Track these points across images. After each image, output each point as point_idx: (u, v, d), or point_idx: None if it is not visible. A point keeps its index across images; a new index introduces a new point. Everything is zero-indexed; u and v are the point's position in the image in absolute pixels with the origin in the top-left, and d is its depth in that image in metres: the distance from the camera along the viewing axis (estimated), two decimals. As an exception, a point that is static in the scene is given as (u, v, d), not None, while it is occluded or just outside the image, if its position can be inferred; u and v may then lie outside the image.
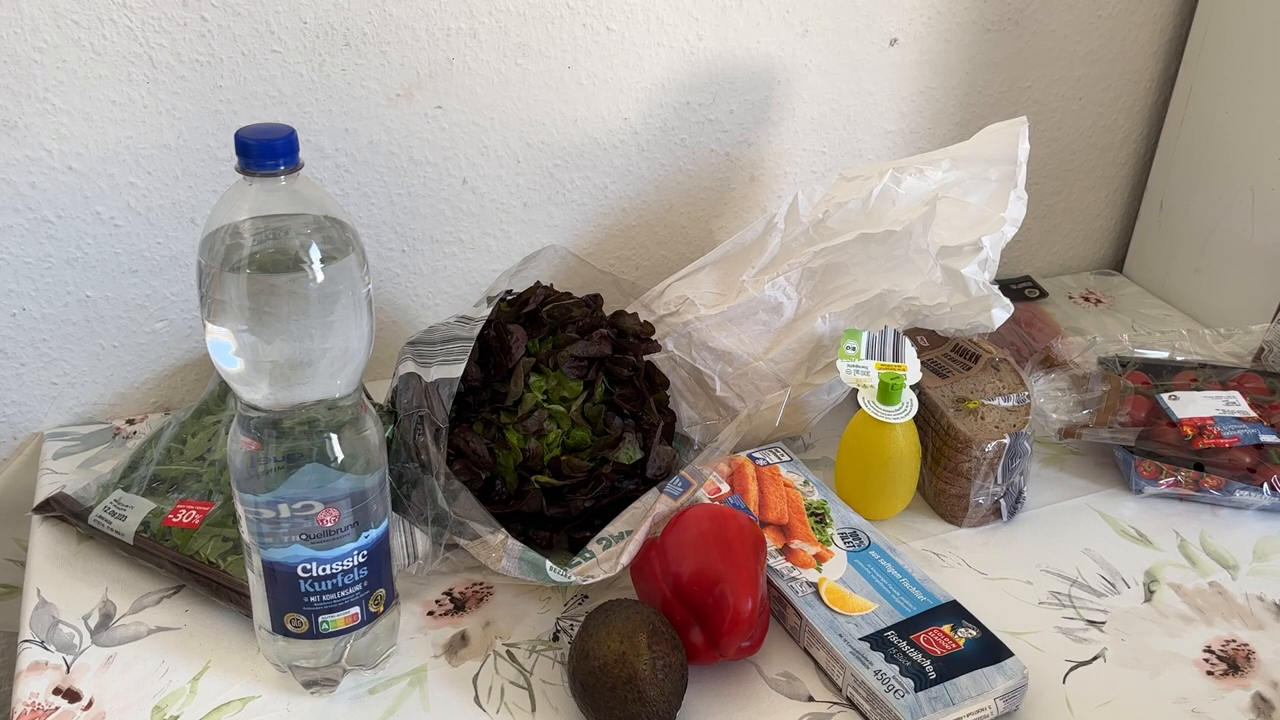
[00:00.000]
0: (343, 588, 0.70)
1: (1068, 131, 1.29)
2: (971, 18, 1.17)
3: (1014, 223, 0.94)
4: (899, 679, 0.73)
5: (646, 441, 0.89)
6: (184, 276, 1.00)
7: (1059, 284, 1.35)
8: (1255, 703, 0.78)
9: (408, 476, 0.86)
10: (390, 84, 0.98)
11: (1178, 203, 1.29)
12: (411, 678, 0.78)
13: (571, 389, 0.88)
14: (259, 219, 0.63)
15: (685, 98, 1.09)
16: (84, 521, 0.86)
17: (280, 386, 0.65)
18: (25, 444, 1.02)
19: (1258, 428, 0.96)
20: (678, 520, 0.80)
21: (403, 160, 1.02)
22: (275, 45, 0.93)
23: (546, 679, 0.78)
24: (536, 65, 1.02)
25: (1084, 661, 0.80)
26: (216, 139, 0.95)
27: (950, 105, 1.22)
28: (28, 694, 0.75)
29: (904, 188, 0.96)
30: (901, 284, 0.95)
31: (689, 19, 1.06)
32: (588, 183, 1.10)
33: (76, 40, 0.88)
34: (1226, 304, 1.24)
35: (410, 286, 1.09)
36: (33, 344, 0.98)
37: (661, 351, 0.97)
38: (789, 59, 1.12)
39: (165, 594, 0.84)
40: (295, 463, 0.67)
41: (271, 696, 0.76)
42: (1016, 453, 0.91)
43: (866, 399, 0.89)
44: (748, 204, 1.19)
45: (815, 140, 1.18)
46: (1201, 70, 1.24)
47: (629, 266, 1.17)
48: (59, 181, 0.92)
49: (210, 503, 0.85)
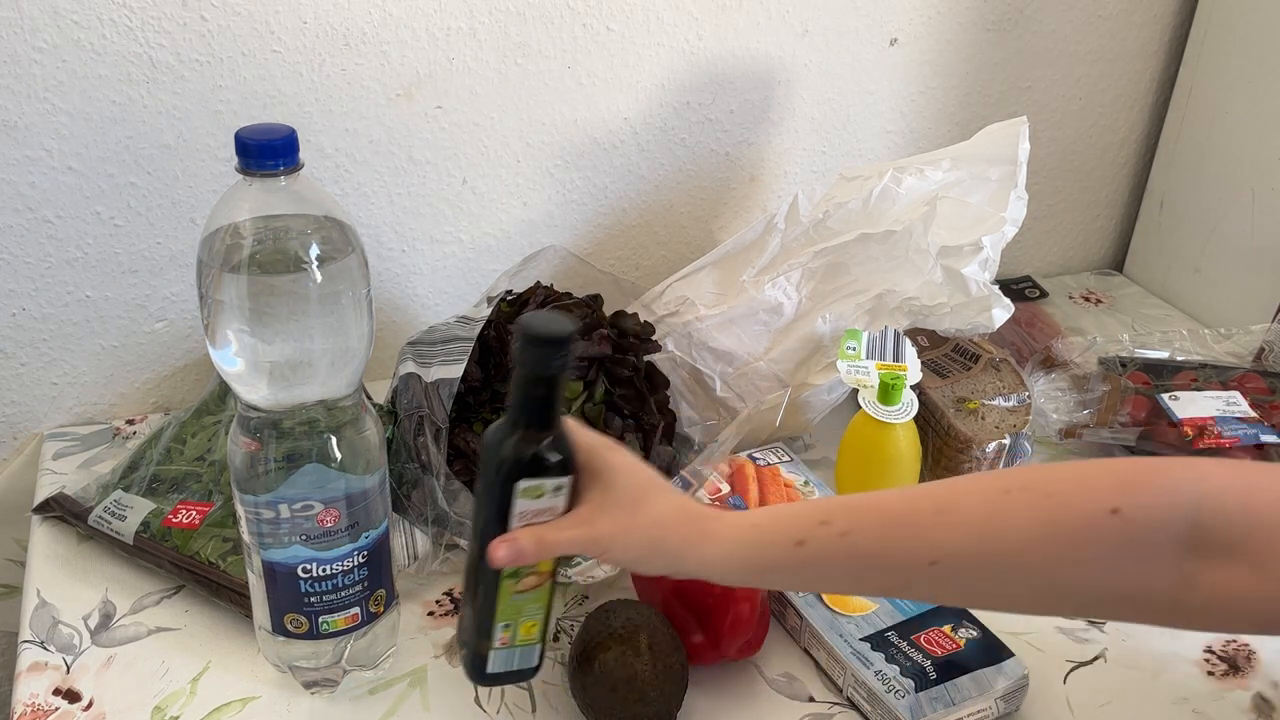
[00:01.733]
0: (343, 588, 0.70)
1: (1068, 131, 1.29)
2: (972, 17, 1.17)
3: (1014, 223, 0.94)
4: (899, 679, 0.73)
5: (647, 442, 0.89)
6: (184, 277, 1.00)
7: (1059, 284, 1.35)
8: (1256, 703, 0.78)
9: (408, 477, 0.86)
10: (390, 84, 0.98)
11: (1178, 203, 1.29)
12: (412, 678, 0.77)
13: (572, 389, 0.88)
14: (259, 219, 0.63)
15: (685, 98, 1.09)
16: (84, 522, 0.86)
17: (280, 387, 0.65)
18: (25, 444, 1.02)
19: (1258, 428, 0.96)
20: (678, 520, 0.79)
21: (402, 160, 1.02)
22: (275, 45, 0.93)
23: (547, 679, 0.78)
24: (536, 65, 1.02)
25: (1084, 662, 0.80)
26: (216, 139, 0.95)
27: (950, 105, 1.22)
28: (28, 694, 0.75)
29: (904, 188, 0.96)
30: (902, 284, 0.95)
31: (689, 19, 1.06)
32: (588, 183, 1.10)
33: (76, 40, 0.88)
34: (1227, 304, 1.24)
35: (410, 286, 1.09)
36: (33, 344, 0.98)
37: (661, 352, 0.97)
38: (789, 59, 1.12)
39: (165, 594, 0.84)
40: (295, 463, 0.67)
41: (272, 697, 0.76)
42: (1017, 453, 0.91)
43: (867, 399, 0.89)
44: (748, 204, 1.19)
45: (815, 140, 1.18)
46: (1202, 70, 1.24)
47: (629, 266, 1.17)
48: (59, 181, 0.92)
49: (210, 503, 0.85)
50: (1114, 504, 0.56)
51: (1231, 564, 0.54)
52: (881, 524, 0.60)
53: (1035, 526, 0.57)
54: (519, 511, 0.61)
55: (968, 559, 0.58)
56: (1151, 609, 0.58)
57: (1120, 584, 0.57)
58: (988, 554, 0.58)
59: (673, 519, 0.62)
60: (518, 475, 0.60)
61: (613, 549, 0.63)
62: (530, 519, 0.62)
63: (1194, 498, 0.55)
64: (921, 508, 0.60)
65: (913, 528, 0.59)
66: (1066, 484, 0.58)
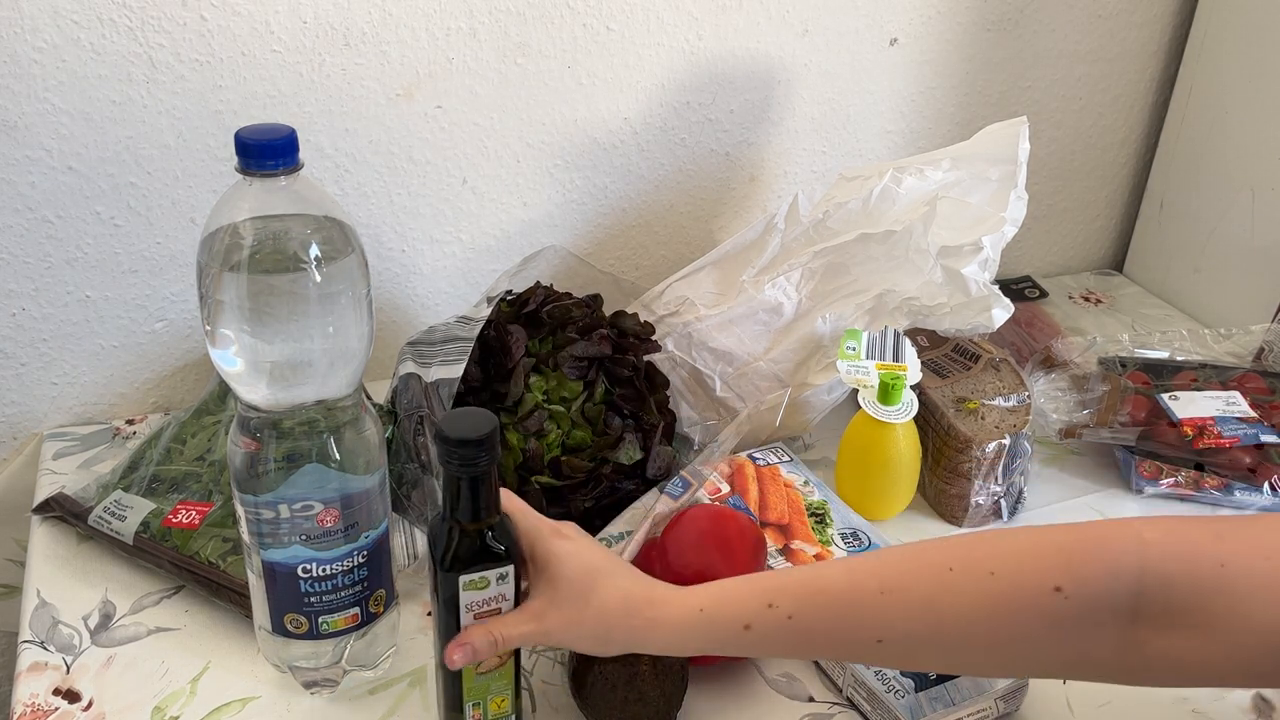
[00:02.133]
0: (343, 588, 0.70)
1: (1068, 131, 1.29)
2: (972, 17, 1.17)
3: (1014, 223, 0.94)
4: (899, 679, 0.73)
5: (646, 442, 0.89)
6: (184, 277, 1.00)
7: (1059, 284, 1.35)
8: (1256, 703, 0.78)
9: (407, 477, 0.86)
10: (390, 83, 0.98)
11: (1178, 203, 1.29)
12: (411, 678, 0.77)
13: (571, 389, 0.88)
14: (259, 219, 0.63)
15: (685, 97, 1.09)
16: (84, 522, 0.86)
17: (280, 387, 0.65)
18: (25, 444, 1.02)
19: (1258, 428, 0.96)
20: (678, 520, 0.80)
21: (402, 160, 1.02)
22: (275, 45, 0.93)
23: (546, 679, 0.78)
24: (536, 65, 1.02)
25: (1084, 662, 0.80)
26: (216, 139, 0.95)
27: (950, 105, 1.22)
28: (28, 694, 0.75)
29: (904, 188, 0.96)
30: (902, 284, 0.95)
31: (689, 18, 1.05)
32: (588, 183, 1.10)
33: (76, 40, 0.88)
34: (1227, 304, 1.24)
35: (410, 286, 1.09)
36: (32, 344, 0.98)
37: (661, 351, 0.97)
38: (789, 59, 1.12)
39: (165, 594, 0.84)
40: (295, 463, 0.67)
41: (271, 697, 0.76)
42: (1017, 453, 0.91)
43: (867, 399, 0.89)
44: (748, 204, 1.19)
45: (815, 140, 1.18)
46: (1202, 70, 1.24)
47: (629, 266, 1.17)
48: (59, 181, 0.92)
49: (210, 503, 0.85)
50: (1056, 582, 0.57)
51: (1177, 631, 0.55)
52: (827, 605, 0.61)
53: (980, 607, 0.58)
54: (466, 604, 0.64)
55: (914, 637, 0.60)
56: (1102, 674, 0.59)
57: (1067, 655, 0.58)
58: (933, 632, 0.60)
59: (616, 611, 0.63)
60: (459, 570, 0.63)
61: (565, 641, 0.66)
62: (479, 609, 0.65)
63: (1136, 567, 0.56)
64: (867, 587, 0.61)
65: (858, 609, 0.61)
66: (1009, 562, 0.59)
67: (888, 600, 0.60)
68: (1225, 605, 0.54)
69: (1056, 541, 0.59)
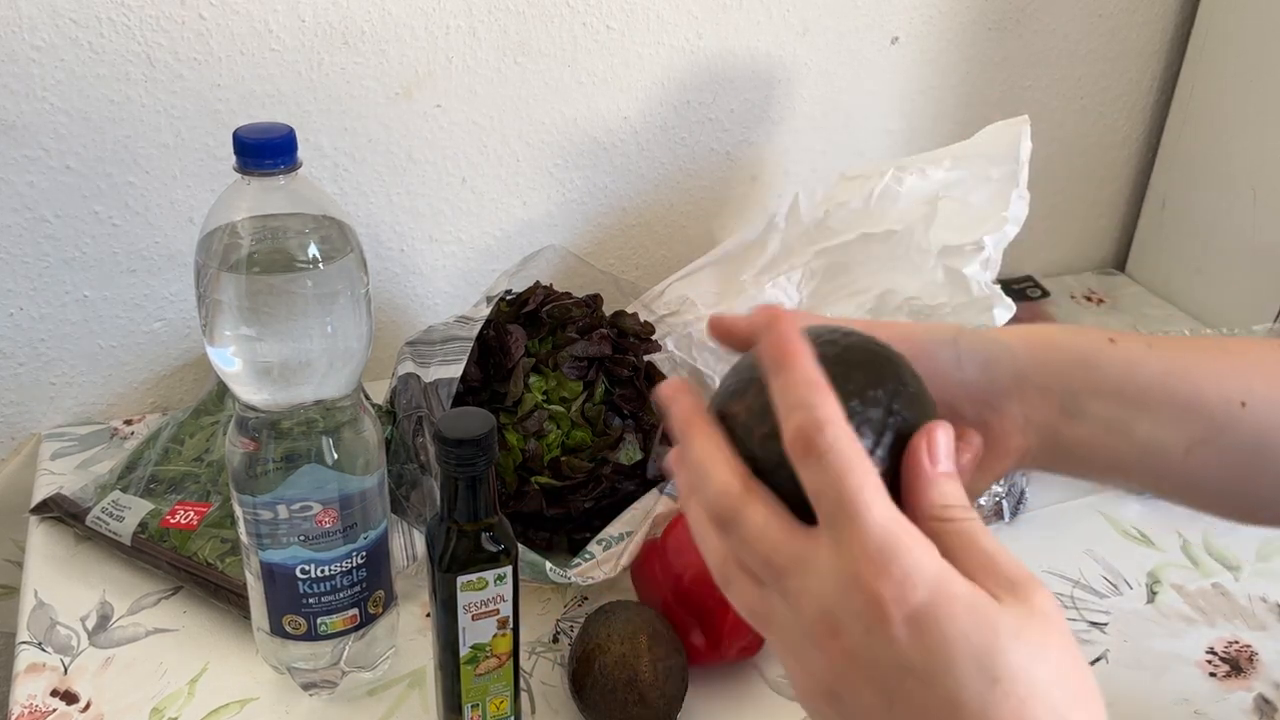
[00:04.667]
0: (341, 589, 0.70)
1: (1069, 131, 1.29)
2: (973, 17, 1.17)
3: (1016, 222, 0.94)
4: (900, 681, 0.72)
5: (646, 442, 0.89)
6: (182, 276, 0.99)
7: (1061, 284, 1.35)
8: (1258, 704, 0.77)
9: (407, 477, 0.85)
10: (389, 83, 0.98)
11: (1180, 202, 1.29)
12: (410, 679, 0.77)
13: (571, 389, 0.88)
14: (257, 218, 0.63)
15: (685, 97, 1.09)
16: (81, 522, 0.86)
17: (278, 387, 0.64)
18: (23, 444, 1.01)
19: (1260, 428, 0.95)
20: (678, 521, 0.79)
21: (401, 159, 1.02)
22: (273, 44, 0.93)
23: (546, 681, 0.78)
24: (536, 64, 1.02)
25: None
26: (215, 138, 0.94)
27: (951, 104, 1.21)
28: (25, 696, 0.75)
29: (905, 187, 0.96)
30: (903, 284, 0.94)
31: (689, 18, 1.05)
32: (587, 182, 1.10)
33: (74, 39, 0.87)
34: (1228, 304, 1.24)
35: (410, 286, 1.09)
36: (30, 344, 0.98)
37: (661, 351, 0.97)
38: (789, 58, 1.11)
39: (163, 595, 0.83)
40: (294, 464, 0.66)
41: (270, 698, 0.75)
42: (1018, 453, 0.91)
43: (867, 399, 0.88)
44: (748, 204, 1.18)
45: (816, 140, 1.17)
46: (1203, 70, 1.23)
47: (629, 266, 1.16)
48: (57, 181, 0.92)
49: (208, 503, 0.84)
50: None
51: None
52: (1181, 344, 0.54)
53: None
54: (463, 605, 0.64)
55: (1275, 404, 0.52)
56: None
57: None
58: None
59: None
60: (457, 570, 0.63)
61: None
62: (477, 610, 0.64)
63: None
64: (1220, 346, 0.54)
65: (1214, 352, 0.53)
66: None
67: (1247, 361, 0.53)
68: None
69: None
